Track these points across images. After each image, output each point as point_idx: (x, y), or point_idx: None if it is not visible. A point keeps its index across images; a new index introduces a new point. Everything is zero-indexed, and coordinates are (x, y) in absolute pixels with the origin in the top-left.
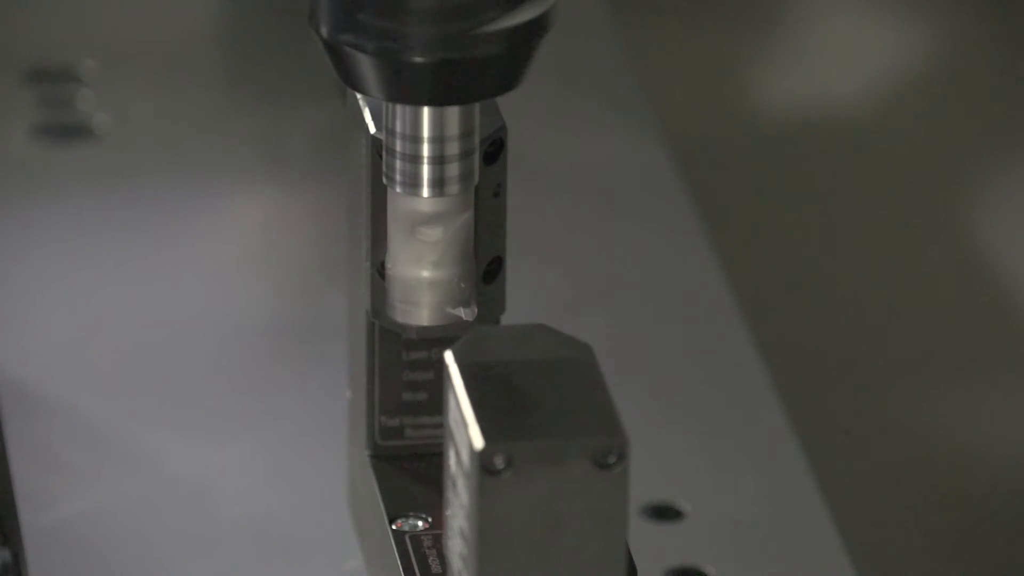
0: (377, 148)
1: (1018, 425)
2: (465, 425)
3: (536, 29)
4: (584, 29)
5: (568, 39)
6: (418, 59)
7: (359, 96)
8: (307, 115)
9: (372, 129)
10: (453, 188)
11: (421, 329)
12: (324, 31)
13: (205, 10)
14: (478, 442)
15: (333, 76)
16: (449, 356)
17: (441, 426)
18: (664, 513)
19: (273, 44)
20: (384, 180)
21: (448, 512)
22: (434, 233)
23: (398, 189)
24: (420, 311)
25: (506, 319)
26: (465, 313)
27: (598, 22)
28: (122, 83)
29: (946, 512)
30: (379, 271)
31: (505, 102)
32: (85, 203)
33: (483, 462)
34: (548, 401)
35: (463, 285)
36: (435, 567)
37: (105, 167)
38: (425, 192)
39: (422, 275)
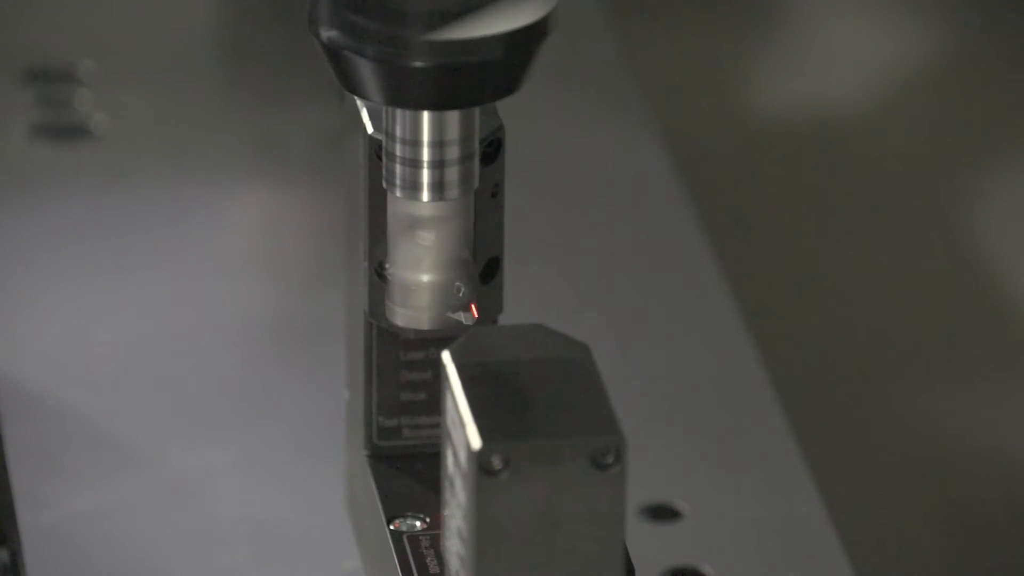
0: (375, 148)
1: (1017, 425)
2: (463, 425)
3: (536, 33)
4: (582, 29)
5: (566, 39)
6: (418, 63)
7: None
8: (306, 115)
9: (370, 129)
10: (453, 192)
11: (419, 329)
12: (324, 36)
13: (203, 11)
14: (475, 442)
15: (331, 77)
16: (447, 356)
17: (439, 426)
18: (662, 513)
19: (272, 44)
20: (384, 184)
21: (446, 512)
22: (432, 236)
23: (398, 193)
24: (420, 315)
25: (504, 319)
26: (464, 317)
27: (596, 21)
28: (120, 83)
29: (945, 512)
30: (376, 271)
31: (503, 102)
32: (83, 203)
33: (480, 462)
34: (545, 401)
35: (464, 289)
36: (433, 567)
37: (103, 167)
38: (425, 196)
39: (421, 279)
